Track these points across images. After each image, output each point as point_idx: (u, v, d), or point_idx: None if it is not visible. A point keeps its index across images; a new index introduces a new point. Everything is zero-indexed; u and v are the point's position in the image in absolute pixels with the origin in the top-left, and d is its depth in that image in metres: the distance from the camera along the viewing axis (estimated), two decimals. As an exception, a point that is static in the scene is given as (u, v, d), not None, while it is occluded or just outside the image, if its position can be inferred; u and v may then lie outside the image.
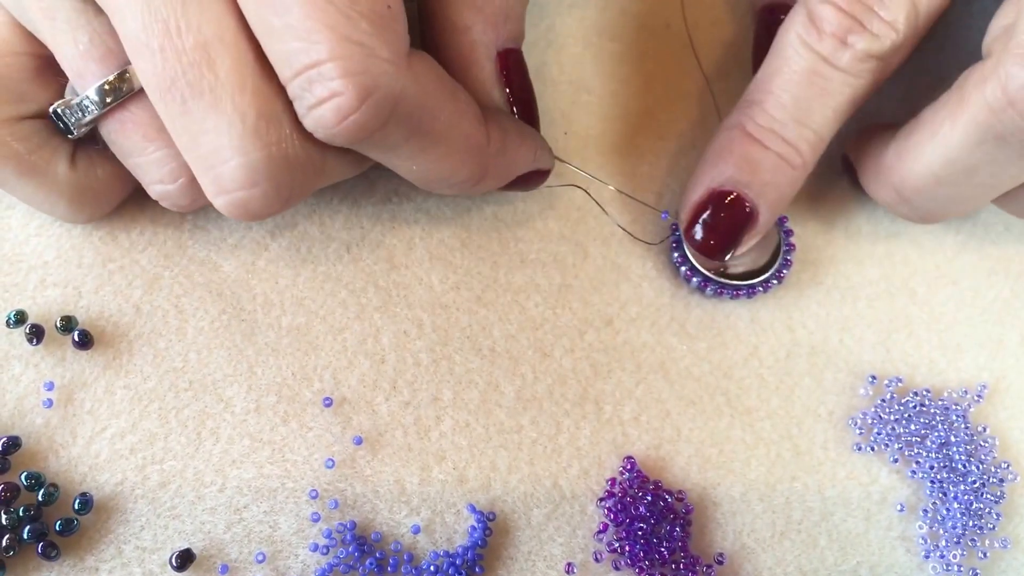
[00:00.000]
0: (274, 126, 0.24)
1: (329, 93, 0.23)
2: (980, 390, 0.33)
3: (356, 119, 0.23)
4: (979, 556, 0.31)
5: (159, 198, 0.28)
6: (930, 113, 0.29)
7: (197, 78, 0.23)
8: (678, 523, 0.30)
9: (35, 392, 0.30)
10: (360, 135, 0.24)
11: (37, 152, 0.27)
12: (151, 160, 0.27)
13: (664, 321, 0.33)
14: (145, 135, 0.26)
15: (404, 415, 0.31)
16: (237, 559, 0.29)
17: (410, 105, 0.24)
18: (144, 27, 0.23)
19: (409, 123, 0.25)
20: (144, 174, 0.27)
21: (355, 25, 0.22)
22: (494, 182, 0.29)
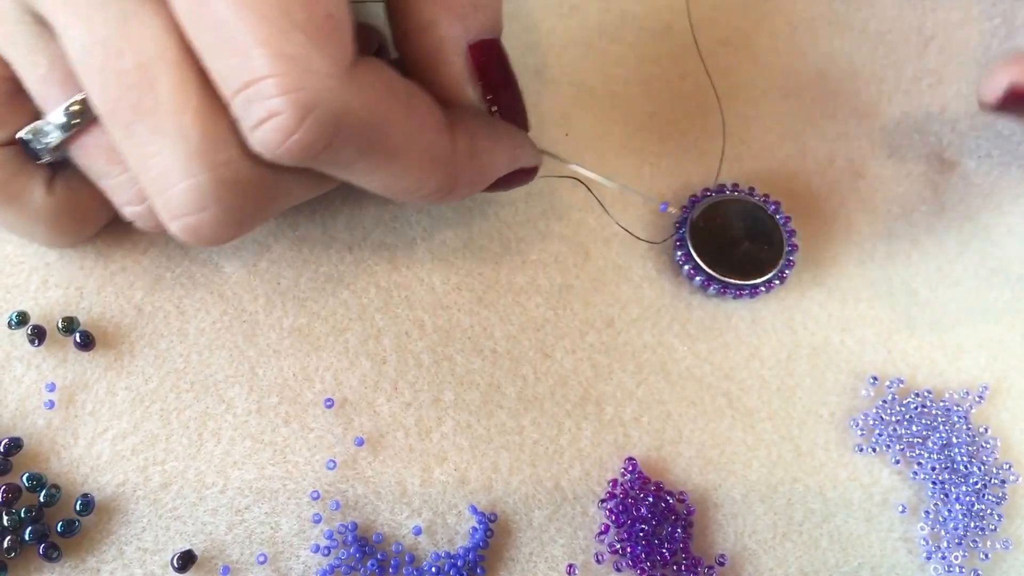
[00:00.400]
0: (220, 147, 0.23)
1: (268, 112, 0.22)
2: (982, 391, 0.33)
3: (298, 139, 0.22)
4: (981, 557, 0.31)
5: (132, 219, 0.27)
6: None
7: (139, 100, 0.22)
8: (679, 524, 0.30)
9: (37, 393, 0.30)
10: (305, 155, 0.22)
11: (13, 179, 0.27)
12: (118, 183, 0.26)
13: (665, 322, 0.33)
14: (109, 159, 0.25)
15: (405, 416, 0.31)
16: (238, 560, 0.29)
17: (358, 119, 0.23)
18: (85, 49, 0.22)
19: (359, 138, 0.23)
20: (114, 196, 0.27)
21: (290, 38, 0.21)
22: (469, 189, 0.28)
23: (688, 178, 0.35)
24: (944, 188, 0.36)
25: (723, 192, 0.34)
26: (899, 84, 0.38)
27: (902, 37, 0.34)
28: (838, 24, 0.37)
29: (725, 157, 0.35)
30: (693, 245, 0.33)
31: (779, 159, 0.36)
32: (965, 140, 0.38)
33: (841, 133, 0.37)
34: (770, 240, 0.33)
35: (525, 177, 0.29)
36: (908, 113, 0.38)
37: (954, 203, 0.36)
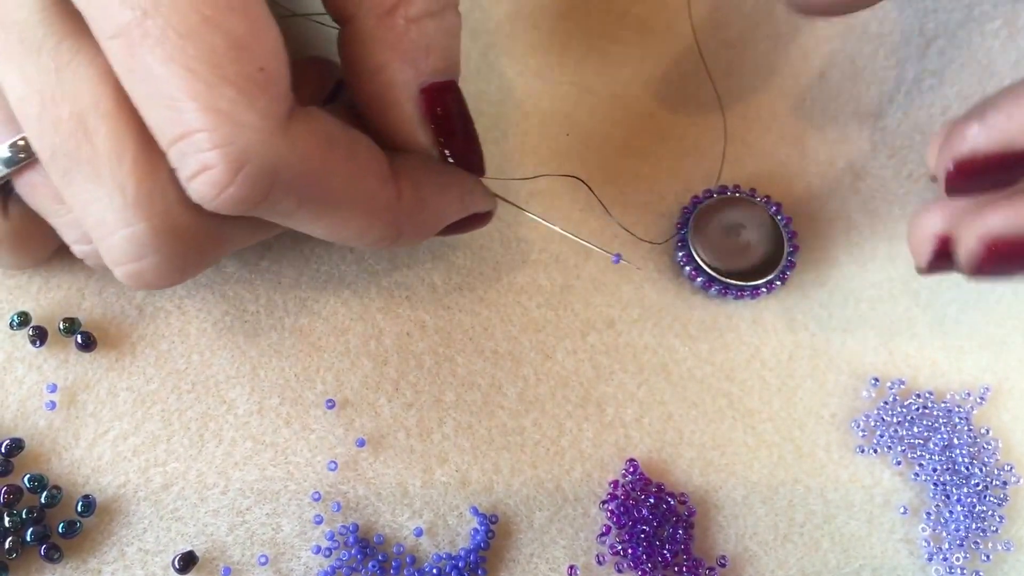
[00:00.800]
0: (157, 197, 0.23)
1: (201, 166, 0.21)
2: (983, 392, 0.33)
3: (232, 193, 0.22)
4: (982, 559, 0.31)
5: (82, 257, 0.27)
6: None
7: (75, 149, 0.22)
8: (681, 526, 0.30)
9: (38, 394, 0.30)
10: (240, 208, 0.22)
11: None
12: (64, 222, 0.26)
13: (666, 323, 0.33)
14: (55, 197, 0.25)
15: (407, 417, 0.31)
16: (240, 561, 0.29)
17: (294, 171, 0.22)
18: (22, 97, 0.22)
19: (297, 191, 0.23)
20: (63, 234, 0.26)
21: (220, 93, 0.21)
22: (416, 236, 0.27)
23: (689, 179, 0.35)
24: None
25: (724, 193, 0.34)
26: (900, 85, 0.38)
27: (903, 39, 0.34)
28: (839, 25, 0.37)
29: (726, 158, 0.35)
30: (694, 246, 0.33)
31: (780, 160, 0.36)
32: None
33: (843, 134, 0.37)
34: (771, 241, 0.33)
35: (478, 222, 0.29)
36: (909, 114, 0.38)
37: (955, 204, 0.36)
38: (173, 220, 0.23)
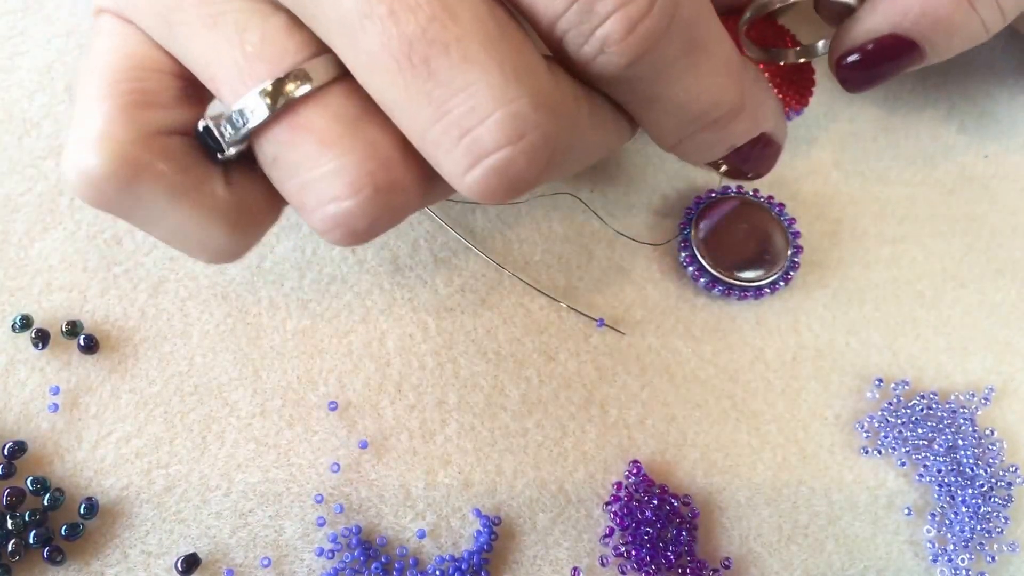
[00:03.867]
0: (532, 72, 0.21)
1: (615, 5, 0.21)
2: (987, 393, 0.33)
3: (647, 25, 0.21)
4: (987, 560, 0.31)
5: (331, 222, 0.23)
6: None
7: (440, 33, 0.20)
8: (684, 527, 0.30)
9: (40, 397, 0.30)
10: (648, 43, 0.22)
11: (189, 169, 0.23)
12: (326, 172, 0.22)
13: (669, 324, 0.33)
14: (321, 141, 0.22)
15: (409, 419, 0.31)
16: (242, 563, 0.29)
17: (689, 9, 0.23)
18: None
19: (687, 30, 0.23)
20: (314, 194, 0.22)
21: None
22: (747, 123, 0.26)
23: (692, 180, 0.35)
24: (949, 189, 0.36)
25: (727, 193, 0.34)
26: (903, 85, 0.38)
27: (907, 37, 0.34)
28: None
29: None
30: (697, 247, 0.33)
31: (783, 160, 0.36)
32: (971, 140, 0.37)
33: (845, 134, 0.37)
34: (775, 242, 0.33)
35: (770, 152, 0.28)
36: (912, 114, 0.38)
37: (959, 204, 0.36)
38: (547, 94, 0.22)
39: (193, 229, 0.24)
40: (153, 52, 0.24)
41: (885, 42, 0.28)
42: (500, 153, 0.21)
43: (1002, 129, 0.38)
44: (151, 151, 0.23)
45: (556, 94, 0.22)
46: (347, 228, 0.23)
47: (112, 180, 0.22)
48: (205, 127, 0.23)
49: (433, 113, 0.21)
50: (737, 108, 0.25)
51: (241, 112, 0.22)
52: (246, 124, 0.22)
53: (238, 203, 0.24)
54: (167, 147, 0.23)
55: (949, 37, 0.28)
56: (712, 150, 0.27)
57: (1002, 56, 0.38)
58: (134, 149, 0.22)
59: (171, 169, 0.23)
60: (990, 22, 0.28)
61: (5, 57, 0.34)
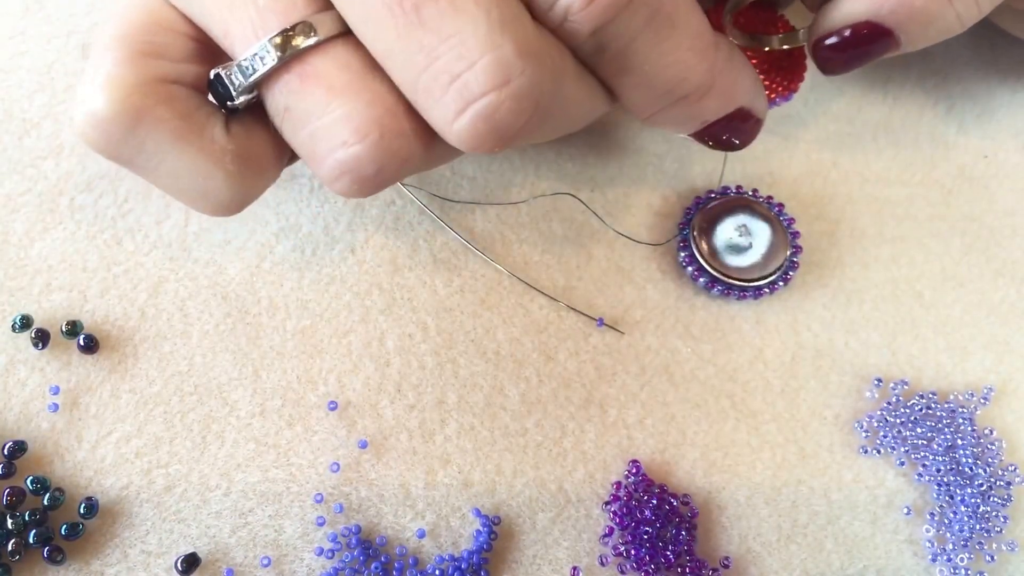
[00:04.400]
0: (518, 21, 0.22)
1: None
2: (987, 392, 0.33)
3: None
4: (986, 559, 0.31)
5: (340, 168, 0.24)
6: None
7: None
8: (683, 527, 0.30)
9: (40, 396, 0.30)
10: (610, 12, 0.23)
11: (191, 115, 0.24)
12: (336, 118, 0.23)
13: (668, 324, 0.33)
14: (330, 88, 0.23)
15: (409, 418, 0.31)
16: (242, 563, 0.29)
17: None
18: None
19: (652, 2, 0.23)
20: (324, 140, 0.24)
21: None
22: (719, 100, 0.27)
23: (692, 179, 0.35)
24: (948, 189, 0.36)
25: (727, 193, 0.34)
26: (904, 84, 0.38)
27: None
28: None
29: (729, 158, 0.35)
30: (697, 246, 0.33)
31: (783, 161, 0.36)
32: (970, 140, 0.37)
33: (844, 134, 0.37)
34: (774, 242, 0.33)
35: (750, 126, 0.29)
36: (911, 114, 0.38)
37: (959, 204, 0.36)
38: (531, 44, 0.23)
39: (193, 174, 0.25)
40: (170, 13, 0.25)
41: (861, 28, 0.28)
42: (487, 98, 0.22)
43: (1001, 129, 0.38)
44: (156, 96, 0.24)
45: (542, 44, 0.23)
46: (356, 174, 0.24)
47: (116, 121, 0.23)
48: (216, 75, 0.24)
49: (424, 59, 0.22)
50: (705, 85, 0.26)
51: (252, 60, 0.23)
52: (256, 71, 0.23)
53: (237, 150, 0.25)
54: (172, 93, 0.24)
55: (925, 27, 0.28)
56: (685, 124, 0.28)
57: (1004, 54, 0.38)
58: (139, 92, 0.23)
59: (174, 114, 0.24)
60: (965, 15, 0.28)
61: (5, 57, 0.34)
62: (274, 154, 0.26)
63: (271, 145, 0.26)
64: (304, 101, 0.24)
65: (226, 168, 0.25)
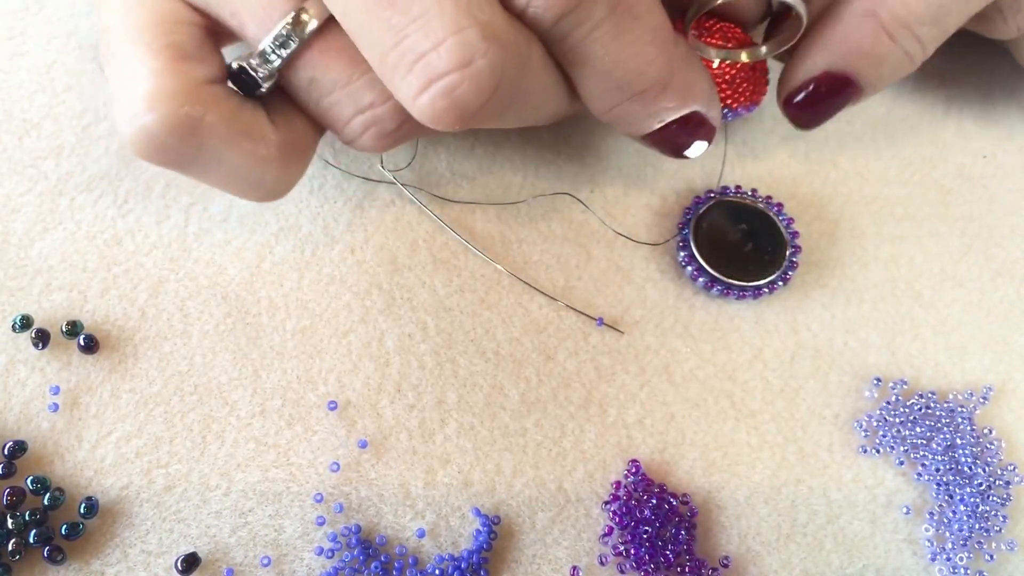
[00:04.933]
0: (484, 6, 0.23)
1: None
2: (986, 392, 0.33)
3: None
4: (985, 558, 0.31)
5: (364, 127, 0.26)
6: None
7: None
8: (683, 526, 0.30)
9: (41, 396, 0.30)
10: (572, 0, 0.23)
11: (239, 114, 0.25)
12: (359, 86, 0.25)
13: (668, 323, 0.33)
14: (351, 59, 0.25)
15: (409, 418, 0.31)
16: (242, 563, 0.29)
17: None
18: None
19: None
20: (348, 106, 0.26)
21: None
22: (675, 98, 0.27)
23: (691, 179, 0.35)
24: (947, 189, 0.36)
25: (726, 193, 0.34)
26: (902, 85, 0.38)
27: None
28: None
29: (728, 159, 0.35)
30: (696, 246, 0.33)
31: (782, 161, 0.36)
32: (969, 141, 0.38)
33: (843, 134, 0.37)
34: (773, 242, 0.33)
35: (703, 131, 0.29)
36: (911, 114, 0.38)
37: (957, 204, 0.36)
38: (496, 28, 0.23)
39: (249, 170, 0.26)
40: (170, 4, 0.25)
41: (822, 79, 0.30)
42: (449, 77, 0.23)
43: (1000, 130, 0.38)
44: (203, 102, 0.24)
45: (507, 30, 0.24)
46: (379, 129, 0.26)
47: (171, 134, 0.24)
48: (239, 67, 0.25)
49: (392, 38, 0.23)
50: (663, 81, 0.27)
51: (273, 47, 0.25)
52: (281, 57, 0.25)
53: (282, 140, 0.26)
54: (216, 95, 0.25)
55: (878, 68, 0.29)
56: (642, 123, 0.28)
57: (1005, 58, 0.38)
58: (188, 102, 0.24)
59: (223, 116, 0.25)
60: (913, 52, 0.29)
61: (5, 57, 0.34)
62: (312, 136, 0.27)
63: (308, 128, 0.27)
64: (329, 72, 0.25)
65: (277, 158, 0.26)
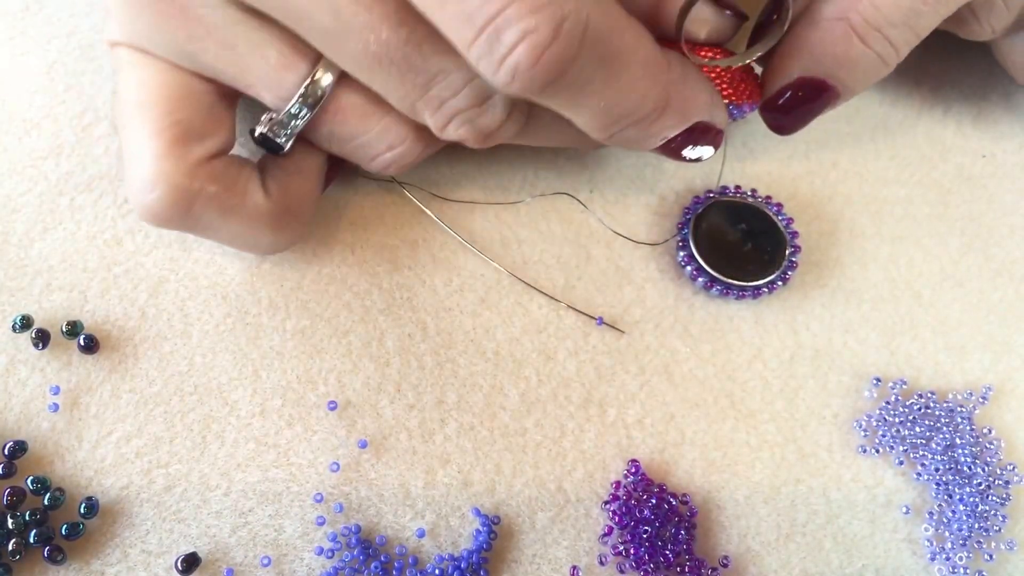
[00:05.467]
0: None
1: (521, 34, 0.22)
2: (985, 392, 0.33)
3: (553, 51, 0.23)
4: (985, 558, 0.31)
5: (385, 165, 0.29)
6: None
7: (411, 33, 0.24)
8: (683, 526, 0.30)
9: (41, 396, 0.30)
10: (558, 69, 0.23)
11: (233, 187, 0.28)
12: (376, 133, 0.28)
13: (668, 323, 0.33)
14: (364, 114, 0.27)
15: (409, 418, 0.31)
16: (242, 563, 0.29)
17: (598, 28, 0.24)
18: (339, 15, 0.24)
19: (598, 48, 0.24)
20: (371, 148, 0.28)
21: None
22: (675, 118, 0.28)
23: (691, 179, 0.35)
24: (947, 189, 0.36)
25: (726, 193, 0.34)
26: (902, 86, 0.38)
27: (904, 38, 0.34)
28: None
29: (728, 159, 0.35)
30: (696, 246, 0.33)
31: (782, 161, 0.36)
32: (968, 141, 0.38)
33: (843, 134, 0.37)
34: (773, 242, 0.33)
35: (711, 137, 0.29)
36: (910, 115, 0.38)
37: (957, 204, 0.36)
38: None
39: (243, 235, 0.29)
40: (179, 78, 0.27)
41: (798, 84, 0.30)
42: (468, 112, 0.26)
43: (1000, 130, 0.38)
44: (202, 178, 0.27)
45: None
46: (399, 165, 0.29)
47: (172, 210, 0.27)
48: (262, 134, 0.28)
49: (417, 92, 0.26)
50: (660, 107, 0.27)
51: (288, 116, 0.27)
52: (296, 125, 0.27)
53: (275, 207, 0.29)
54: (212, 172, 0.27)
55: (851, 72, 0.30)
56: (644, 143, 0.29)
57: (999, 56, 0.38)
58: (185, 181, 0.27)
59: (219, 190, 0.28)
60: (885, 55, 0.29)
61: (5, 57, 0.34)
62: (308, 198, 0.30)
63: (304, 192, 0.30)
64: (345, 127, 0.28)
65: (269, 223, 0.29)
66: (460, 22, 0.23)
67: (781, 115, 0.31)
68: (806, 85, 0.30)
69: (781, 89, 0.30)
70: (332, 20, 0.24)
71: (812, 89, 0.30)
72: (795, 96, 0.30)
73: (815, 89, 0.30)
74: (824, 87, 0.30)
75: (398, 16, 0.24)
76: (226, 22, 0.26)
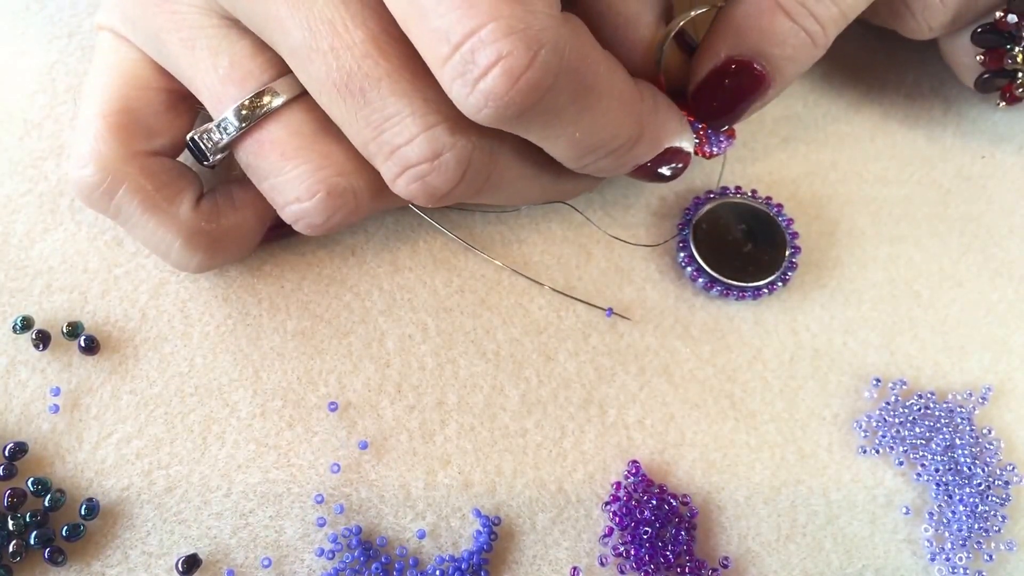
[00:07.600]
0: (448, 103, 0.24)
1: (495, 56, 0.22)
2: (985, 392, 0.33)
3: (529, 77, 0.22)
4: (985, 558, 0.31)
5: (294, 218, 0.27)
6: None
7: (373, 68, 0.24)
8: (683, 527, 0.30)
9: (41, 398, 0.30)
10: (533, 96, 0.23)
11: (164, 189, 0.28)
12: (288, 179, 0.27)
13: (668, 324, 0.33)
14: (283, 154, 0.26)
15: (409, 419, 0.31)
16: (243, 564, 0.29)
17: (573, 58, 0.23)
18: (311, 32, 0.24)
19: (574, 78, 0.24)
20: (280, 195, 0.27)
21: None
22: (648, 147, 0.28)
23: (691, 180, 0.35)
24: (946, 189, 0.36)
25: (726, 194, 0.34)
26: (901, 86, 0.38)
27: (903, 41, 0.34)
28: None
29: (728, 159, 0.35)
30: (696, 247, 0.33)
31: (782, 161, 0.36)
32: (968, 141, 0.38)
33: (843, 135, 0.37)
34: (772, 242, 0.33)
35: (680, 159, 0.30)
36: (909, 115, 0.38)
37: (956, 204, 0.36)
38: (465, 123, 0.25)
39: (157, 239, 0.28)
40: (144, 70, 0.28)
41: (725, 66, 0.29)
42: (420, 167, 0.25)
43: (999, 130, 0.38)
44: (132, 169, 0.27)
45: (470, 121, 0.24)
46: (306, 223, 0.28)
47: (97, 189, 0.27)
48: (192, 139, 0.28)
49: (371, 132, 0.25)
50: (634, 138, 0.27)
51: (219, 127, 0.27)
52: (223, 139, 0.27)
53: (198, 225, 0.28)
54: (148, 167, 0.28)
55: (779, 50, 0.29)
56: (616, 170, 0.29)
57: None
58: (116, 166, 0.27)
59: (148, 186, 0.28)
60: (813, 32, 0.29)
61: (6, 57, 0.34)
62: (237, 233, 0.29)
63: (234, 225, 0.29)
64: (262, 161, 0.27)
65: (184, 237, 0.28)
66: (436, 38, 0.22)
67: (709, 101, 0.30)
68: (733, 66, 0.29)
69: (708, 73, 0.30)
70: (302, 36, 0.24)
71: (739, 71, 0.29)
72: (722, 79, 0.29)
73: (742, 71, 0.29)
74: (750, 69, 0.29)
75: (366, 46, 0.24)
76: (198, 22, 0.26)
